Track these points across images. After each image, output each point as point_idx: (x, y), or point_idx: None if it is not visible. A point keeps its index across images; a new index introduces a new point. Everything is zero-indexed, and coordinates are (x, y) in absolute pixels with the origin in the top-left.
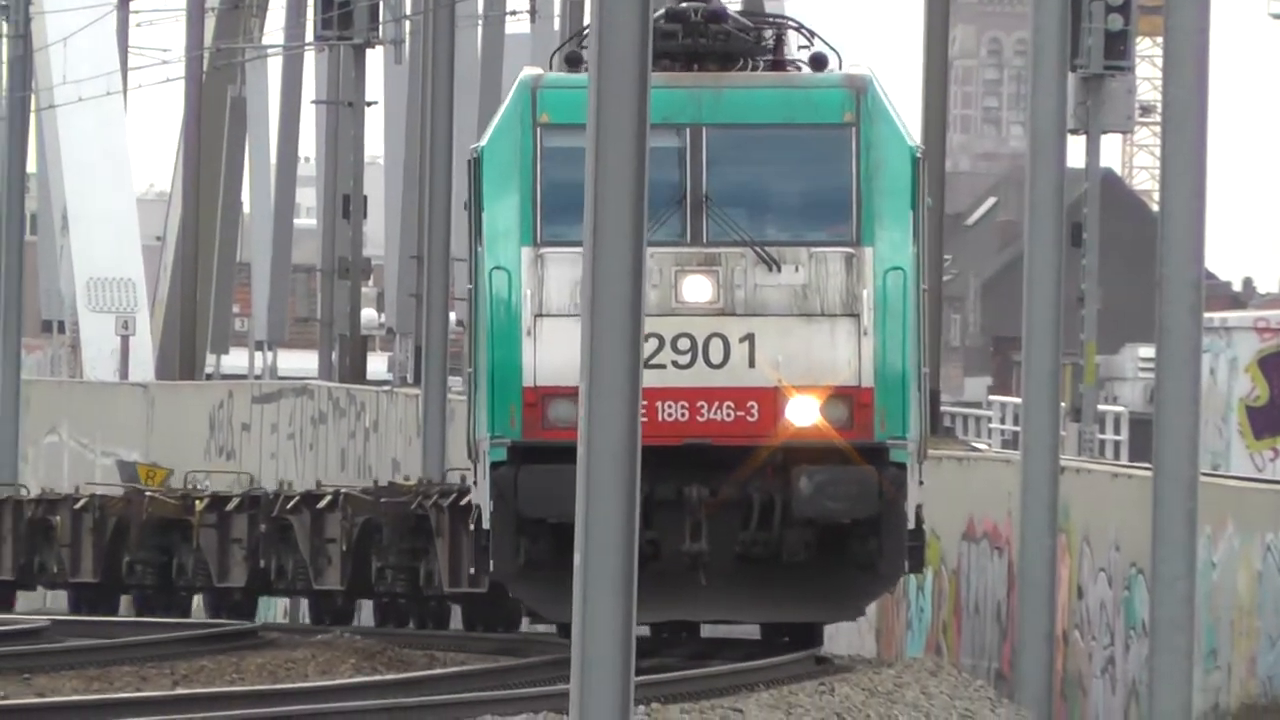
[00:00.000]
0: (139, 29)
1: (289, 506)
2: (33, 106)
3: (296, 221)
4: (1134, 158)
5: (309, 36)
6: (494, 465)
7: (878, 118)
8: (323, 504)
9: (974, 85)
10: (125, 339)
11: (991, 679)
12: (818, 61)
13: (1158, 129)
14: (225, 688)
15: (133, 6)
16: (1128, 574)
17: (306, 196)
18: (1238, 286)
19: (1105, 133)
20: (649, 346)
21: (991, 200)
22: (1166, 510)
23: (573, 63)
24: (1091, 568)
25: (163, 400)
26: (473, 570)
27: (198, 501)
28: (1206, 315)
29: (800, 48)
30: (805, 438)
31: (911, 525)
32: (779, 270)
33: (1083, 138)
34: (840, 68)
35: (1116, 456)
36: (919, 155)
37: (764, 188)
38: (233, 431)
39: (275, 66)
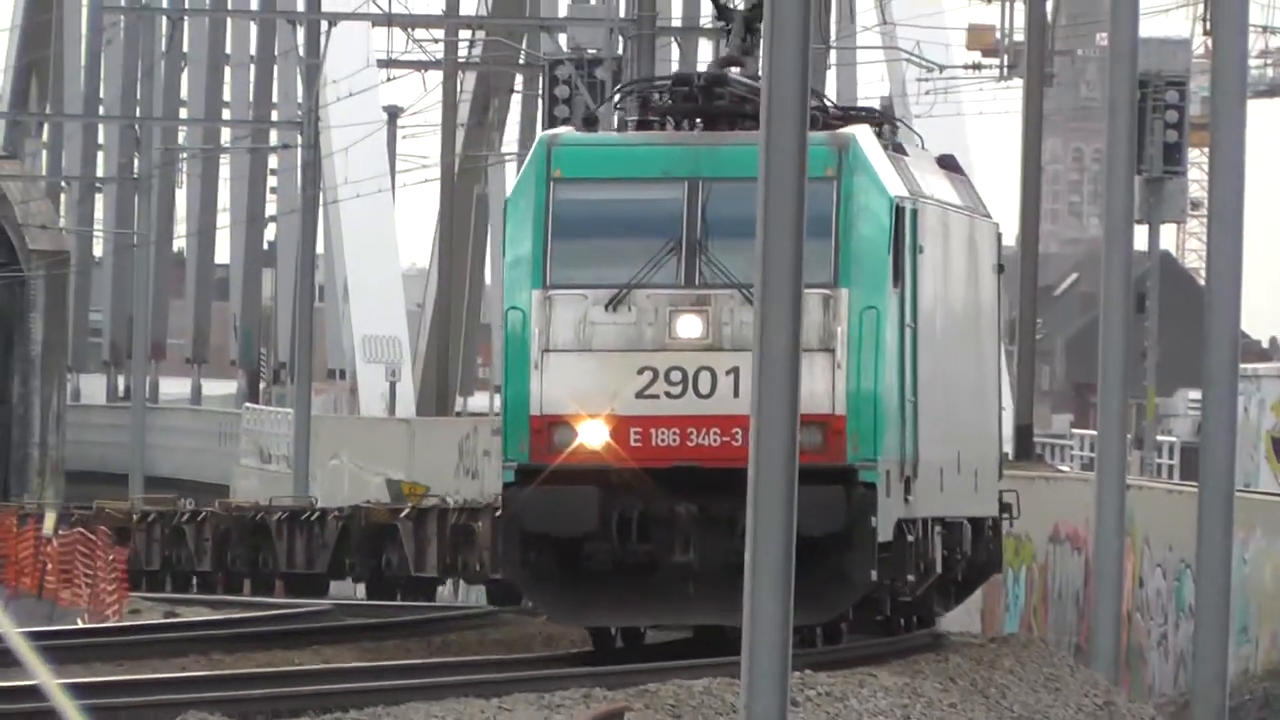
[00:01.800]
0: (404, 140)
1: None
2: (320, 201)
3: None
4: (1186, 242)
5: None
6: (505, 486)
7: (859, 171)
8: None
9: (1061, 185)
10: (393, 384)
11: (1071, 651)
12: (944, 162)
13: (1204, 219)
14: (472, 656)
15: (400, 123)
16: (1178, 568)
17: None
18: (1265, 344)
19: (1164, 223)
20: (644, 379)
21: (1074, 275)
22: (1209, 519)
23: (589, 123)
24: (1150, 563)
25: (421, 432)
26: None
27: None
28: (1241, 366)
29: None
30: None
31: (889, 537)
32: None
33: (1145, 227)
34: (922, 147)
35: (1170, 477)
36: (900, 205)
37: (752, 235)
38: (476, 457)
39: (511, 169)
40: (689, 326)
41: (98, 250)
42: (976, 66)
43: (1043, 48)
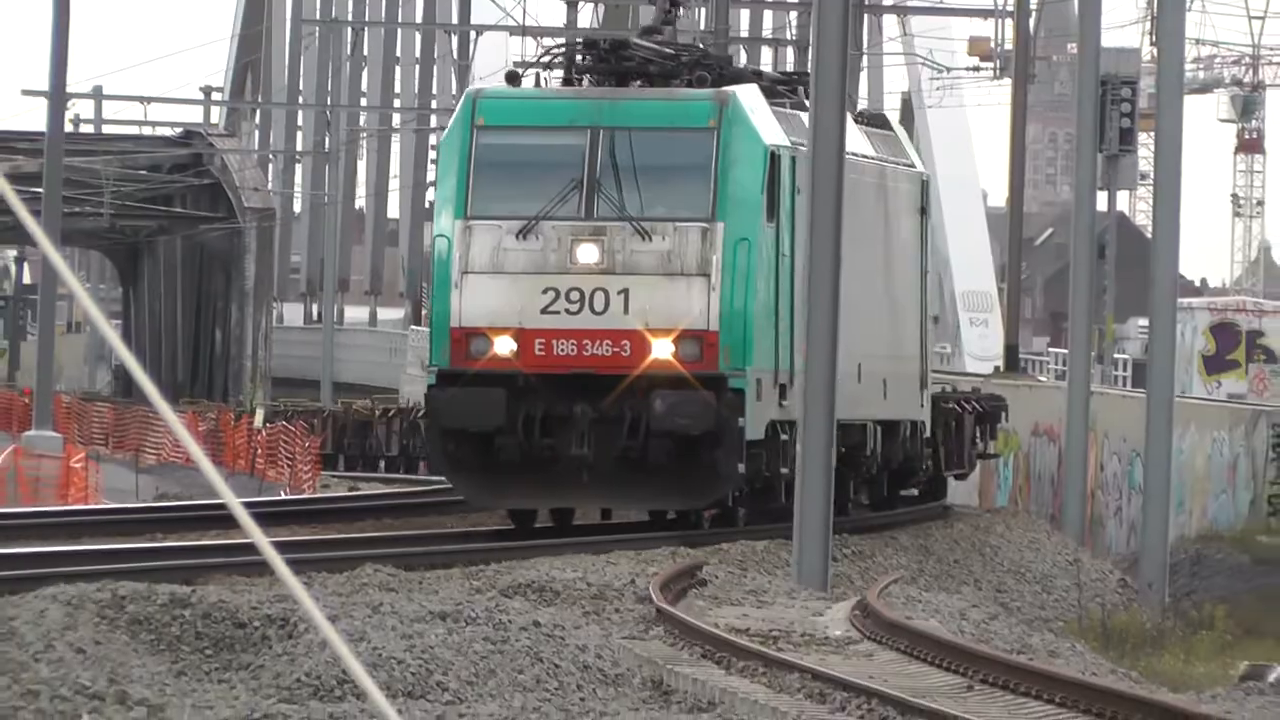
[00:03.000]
0: None
1: None
2: None
3: None
4: (1137, 205)
5: None
6: (429, 388)
7: (736, 123)
8: None
9: (1040, 160)
10: None
11: (1048, 520)
12: (871, 119)
13: (1150, 187)
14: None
15: None
16: (1130, 456)
17: None
18: (1198, 283)
19: (1120, 190)
20: (548, 297)
21: (1050, 229)
22: (1155, 418)
23: (511, 80)
24: (1109, 452)
25: None
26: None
27: None
28: (1179, 300)
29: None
30: (662, 369)
31: (759, 436)
32: (650, 240)
33: (1105, 193)
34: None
35: (1124, 386)
36: (775, 152)
37: (644, 176)
38: None
39: None
40: (587, 253)
41: (297, 207)
42: (976, 69)
43: (1026, 55)
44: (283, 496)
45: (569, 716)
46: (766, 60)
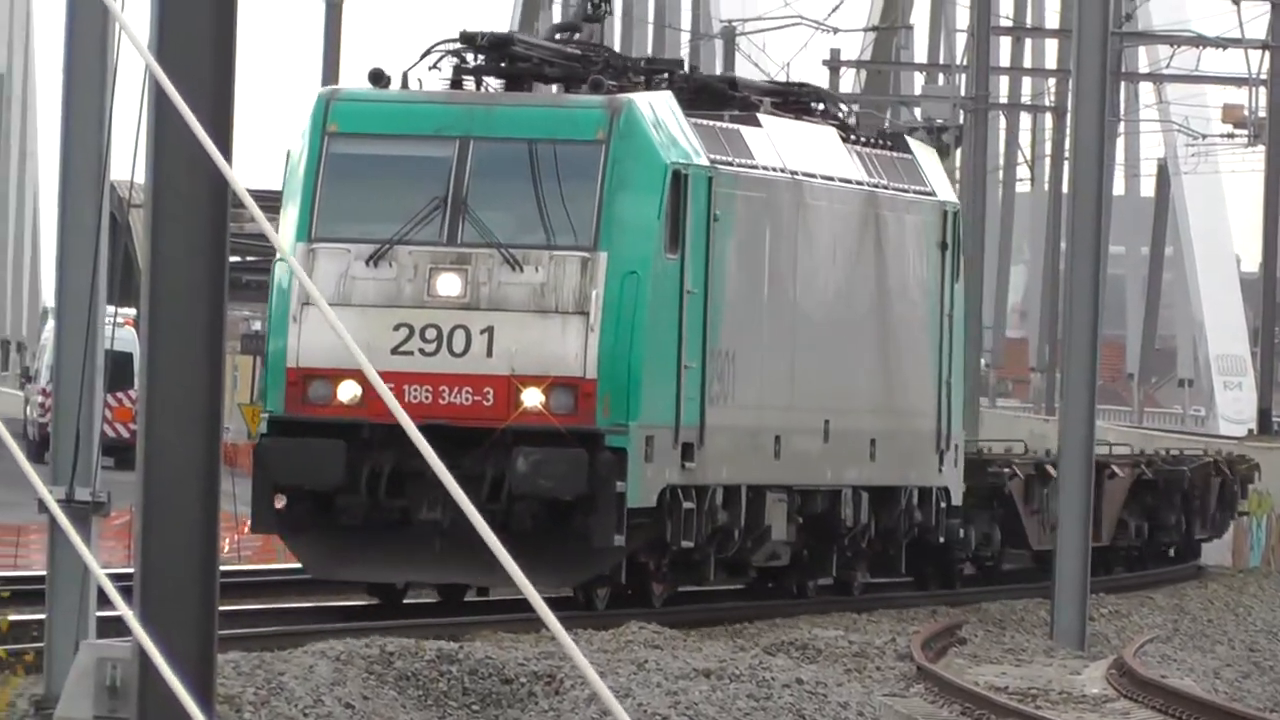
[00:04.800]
0: None
1: None
2: None
3: None
4: None
5: None
6: (260, 437)
7: (631, 136)
8: None
9: None
10: None
11: None
12: (891, 141)
13: None
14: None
15: None
16: None
17: None
18: None
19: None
20: (399, 335)
21: None
22: None
23: (376, 80)
24: None
25: None
26: None
27: None
28: None
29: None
30: (530, 421)
31: (648, 503)
32: (521, 270)
33: None
34: (848, 122)
35: None
36: (680, 171)
37: (518, 196)
38: None
39: None
40: (448, 285)
41: None
42: (1230, 135)
43: None
44: None
45: None
46: (1025, 125)
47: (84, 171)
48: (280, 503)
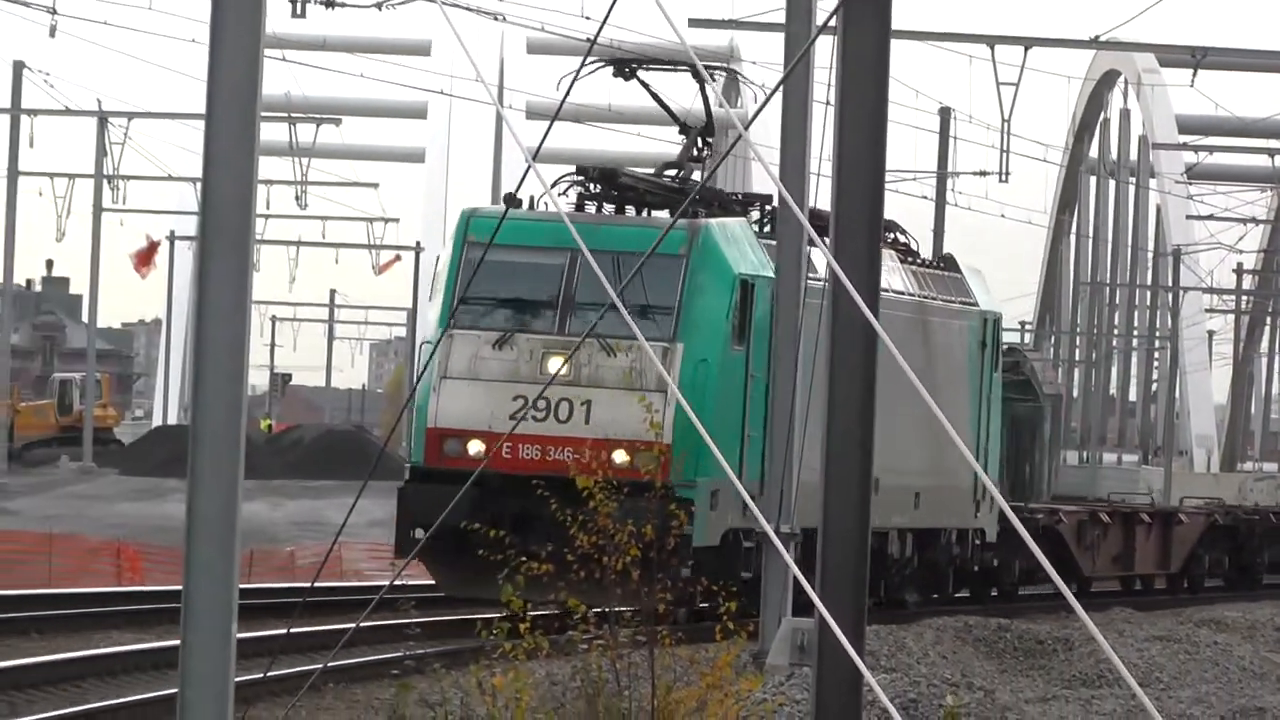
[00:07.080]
0: None
1: None
2: None
3: None
4: None
5: None
6: (404, 484)
7: (707, 251)
8: None
9: None
10: None
11: None
12: (941, 261)
13: None
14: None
15: None
16: None
17: None
18: None
19: None
20: (517, 404)
21: None
22: None
23: (509, 202)
24: None
25: None
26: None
27: None
28: None
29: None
30: (619, 475)
31: (712, 543)
32: (615, 356)
33: None
34: (911, 249)
35: None
36: (748, 281)
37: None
38: None
39: None
40: (557, 365)
41: None
42: None
43: None
44: None
45: (1233, 696)
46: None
47: None
48: (419, 534)
